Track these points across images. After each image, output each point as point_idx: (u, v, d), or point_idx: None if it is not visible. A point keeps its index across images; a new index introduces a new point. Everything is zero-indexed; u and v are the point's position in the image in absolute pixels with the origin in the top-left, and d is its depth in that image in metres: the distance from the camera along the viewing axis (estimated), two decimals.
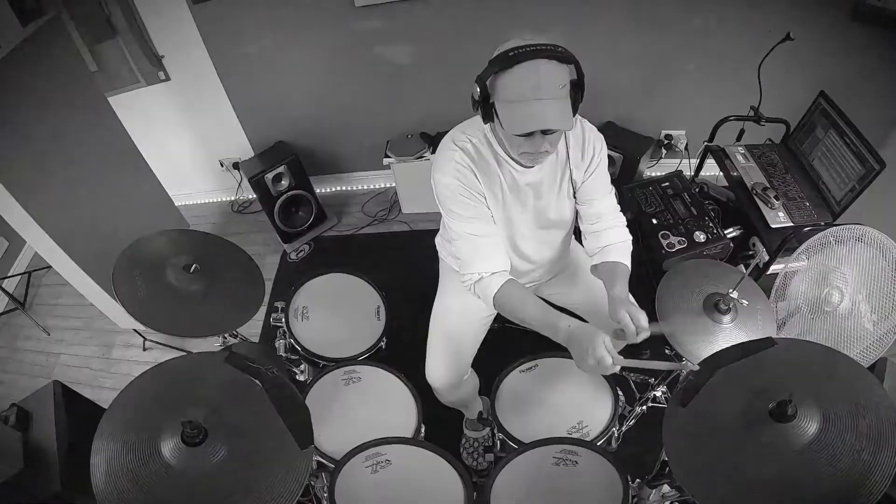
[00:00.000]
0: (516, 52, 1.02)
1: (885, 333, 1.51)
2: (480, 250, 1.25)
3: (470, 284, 1.27)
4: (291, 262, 2.87)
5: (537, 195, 1.32)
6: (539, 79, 1.03)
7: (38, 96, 2.06)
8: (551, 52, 1.03)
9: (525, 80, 1.03)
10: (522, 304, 1.21)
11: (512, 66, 1.03)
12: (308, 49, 2.61)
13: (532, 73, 1.03)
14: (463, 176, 1.22)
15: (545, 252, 1.48)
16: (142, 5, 2.47)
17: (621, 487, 1.13)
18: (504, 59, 1.03)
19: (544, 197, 1.33)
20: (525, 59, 1.02)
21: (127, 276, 1.42)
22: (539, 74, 1.03)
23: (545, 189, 1.32)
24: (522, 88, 1.04)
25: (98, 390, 2.41)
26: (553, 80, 1.04)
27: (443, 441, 1.32)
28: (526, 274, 1.54)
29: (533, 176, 1.29)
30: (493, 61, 1.06)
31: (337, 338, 1.67)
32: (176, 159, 3.08)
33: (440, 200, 1.28)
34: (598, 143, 1.31)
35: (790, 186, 2.01)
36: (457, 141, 1.25)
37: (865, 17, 2.14)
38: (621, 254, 1.36)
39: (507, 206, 1.31)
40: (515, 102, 1.06)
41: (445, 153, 1.24)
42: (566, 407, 1.40)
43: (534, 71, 1.02)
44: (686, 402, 0.98)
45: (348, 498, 1.18)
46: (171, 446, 0.93)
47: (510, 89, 1.06)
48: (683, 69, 2.53)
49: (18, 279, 3.02)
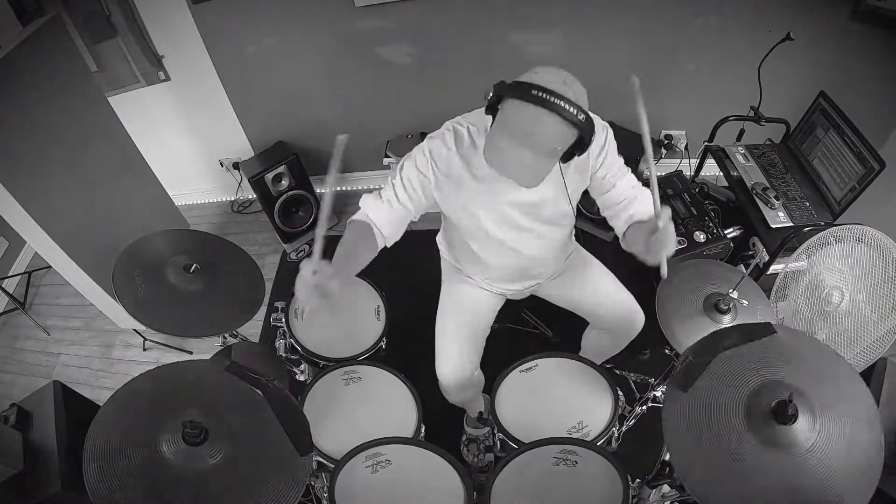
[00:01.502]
0: (537, 94, 1.00)
1: (885, 333, 1.51)
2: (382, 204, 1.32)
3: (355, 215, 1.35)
4: (291, 262, 2.87)
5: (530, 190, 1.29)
6: (537, 130, 1.02)
7: (38, 96, 2.06)
8: (566, 114, 1.01)
9: (525, 122, 1.03)
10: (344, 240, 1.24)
11: (524, 100, 1.02)
12: (308, 49, 2.61)
13: (534, 122, 1.02)
14: (435, 155, 1.27)
15: (544, 251, 1.47)
16: (142, 5, 2.47)
17: (621, 487, 1.13)
18: (524, 91, 1.02)
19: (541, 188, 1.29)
20: (538, 105, 1.00)
21: (127, 276, 1.42)
22: (539, 126, 1.02)
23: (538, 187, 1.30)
24: (519, 127, 1.03)
25: (98, 390, 2.41)
26: (549, 139, 1.04)
27: (443, 441, 1.32)
28: (527, 274, 1.54)
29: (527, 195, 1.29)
30: (518, 84, 1.04)
31: (337, 338, 1.67)
32: (176, 159, 3.08)
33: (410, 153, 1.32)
34: (601, 130, 1.30)
35: (790, 186, 2.01)
36: (455, 123, 1.29)
37: (865, 17, 2.14)
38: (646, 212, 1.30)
39: (496, 193, 1.30)
40: (506, 135, 1.06)
41: (440, 130, 1.30)
42: (566, 407, 1.40)
43: (537, 120, 1.02)
44: (686, 386, 0.97)
45: (348, 498, 1.18)
46: (170, 446, 0.93)
47: (510, 120, 1.05)
48: (683, 69, 2.53)
49: (18, 279, 3.02)
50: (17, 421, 1.37)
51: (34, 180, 2.00)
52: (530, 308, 2.25)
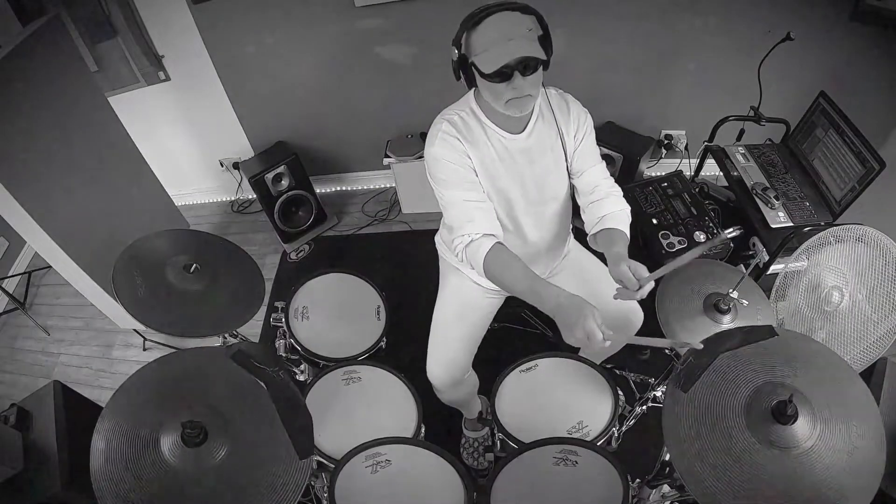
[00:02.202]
0: (482, 9, 1.13)
1: (885, 333, 1.51)
2: (469, 213, 1.26)
3: (461, 249, 1.25)
4: (291, 262, 2.87)
5: (530, 160, 1.33)
6: (507, 26, 1.13)
7: (39, 96, 2.06)
8: (513, 5, 1.13)
9: (494, 30, 1.13)
10: (511, 268, 1.20)
11: (480, 21, 1.13)
12: (308, 49, 2.61)
13: (500, 22, 1.13)
14: (450, 144, 1.27)
15: (542, 230, 1.47)
16: (142, 5, 2.47)
17: (621, 487, 1.13)
18: (472, 17, 1.15)
19: (538, 162, 1.34)
20: (491, 13, 1.13)
21: (127, 276, 1.42)
22: (506, 22, 1.13)
23: (537, 155, 1.34)
24: (493, 36, 1.13)
25: (98, 390, 2.41)
26: (520, 25, 1.14)
27: (443, 441, 1.32)
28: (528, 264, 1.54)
29: (524, 142, 1.32)
30: (462, 22, 1.17)
31: (337, 338, 1.67)
32: (176, 159, 3.08)
33: (430, 172, 1.32)
34: (583, 114, 1.37)
35: (790, 186, 2.01)
36: (444, 115, 1.33)
37: (865, 17, 2.14)
38: (619, 222, 1.36)
39: (498, 177, 1.33)
40: (489, 48, 1.14)
41: (433, 129, 1.32)
42: (566, 407, 1.40)
43: (501, 20, 1.13)
44: (687, 387, 0.97)
45: (348, 498, 1.18)
46: (171, 446, 0.93)
47: (482, 40, 1.14)
48: (683, 69, 2.53)
49: (18, 279, 3.02)
50: (17, 421, 1.37)
51: (34, 180, 2.00)
52: (530, 308, 2.25)
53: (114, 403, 0.98)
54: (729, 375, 0.97)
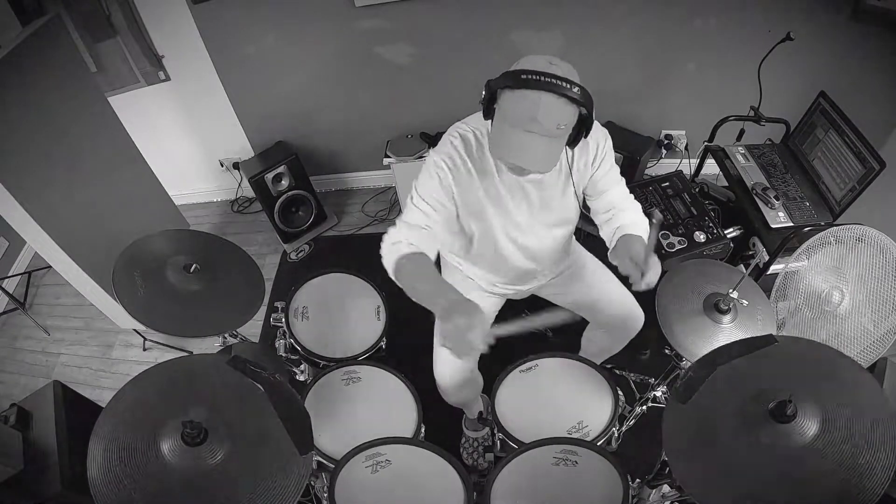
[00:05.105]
0: (528, 78, 1.01)
1: (885, 333, 1.51)
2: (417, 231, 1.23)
3: (388, 243, 1.24)
4: (291, 262, 2.87)
5: (540, 188, 1.32)
6: (538, 113, 1.02)
7: (38, 96, 2.06)
8: (561, 90, 1.01)
9: (525, 109, 1.02)
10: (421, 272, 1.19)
11: (519, 88, 1.02)
12: (308, 49, 2.61)
13: (533, 105, 1.02)
14: (452, 161, 1.24)
15: (548, 251, 1.48)
16: (142, 5, 2.47)
17: (621, 487, 1.13)
18: (514, 78, 1.02)
19: (548, 190, 1.33)
20: (532, 88, 1.01)
21: (127, 276, 1.42)
22: (539, 108, 1.01)
23: (548, 183, 1.32)
24: (520, 115, 1.03)
25: (98, 390, 2.41)
26: (551, 118, 1.03)
27: (443, 441, 1.32)
28: (530, 275, 1.54)
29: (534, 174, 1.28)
30: (505, 75, 1.05)
31: (337, 338, 1.67)
32: (176, 159, 3.08)
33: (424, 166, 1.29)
34: (602, 138, 1.31)
35: (790, 186, 2.01)
36: (458, 129, 1.28)
37: (865, 17, 2.14)
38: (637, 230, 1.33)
39: (503, 198, 1.30)
40: (508, 126, 1.06)
41: (445, 138, 1.28)
42: (566, 407, 1.40)
43: (536, 103, 1.01)
44: (685, 399, 0.98)
45: (348, 498, 1.18)
46: (170, 445, 0.93)
47: (509, 111, 1.05)
48: (683, 69, 2.53)
49: (18, 279, 3.02)
50: (17, 421, 1.37)
51: (34, 180, 2.00)
52: (530, 308, 2.24)
53: (114, 404, 0.98)
54: (729, 375, 0.97)
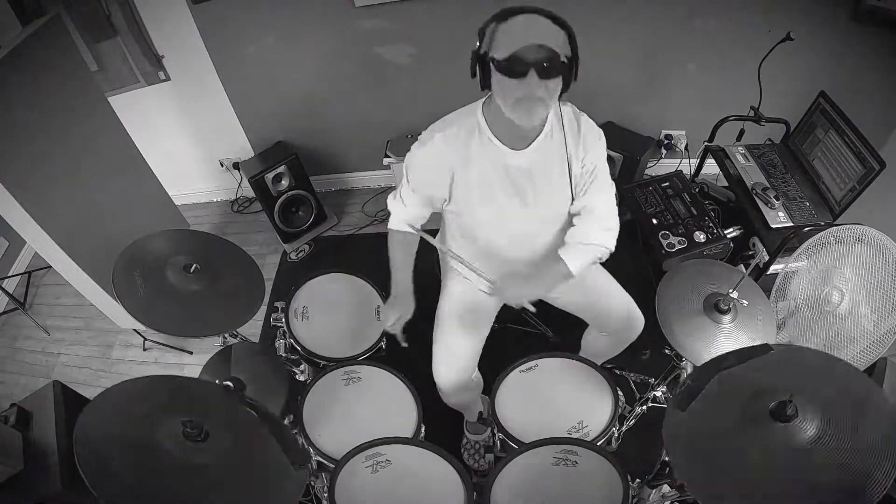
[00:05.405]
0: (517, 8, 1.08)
1: (885, 333, 1.51)
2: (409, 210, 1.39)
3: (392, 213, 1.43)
4: (291, 262, 2.87)
5: (530, 177, 1.29)
6: (536, 25, 1.07)
7: (39, 96, 2.06)
8: (549, 13, 1.09)
9: (522, 26, 1.07)
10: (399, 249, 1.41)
11: (511, 16, 1.08)
12: (308, 49, 2.61)
13: (531, 23, 1.07)
14: (434, 163, 1.28)
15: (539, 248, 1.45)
16: (142, 5, 2.47)
17: (621, 487, 1.13)
18: (504, 12, 1.08)
19: (538, 180, 1.29)
20: (525, 13, 1.08)
21: (127, 276, 1.42)
22: (537, 27, 1.07)
23: (539, 173, 1.28)
24: (518, 30, 1.08)
25: (98, 390, 2.36)
26: (548, 30, 1.08)
27: (443, 441, 1.32)
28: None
29: (526, 158, 1.26)
30: (493, 15, 1.10)
31: (337, 338, 1.67)
32: (176, 159, 3.08)
33: (405, 165, 1.35)
34: (594, 138, 1.30)
35: (790, 186, 2.01)
36: (439, 128, 1.29)
37: (865, 17, 2.14)
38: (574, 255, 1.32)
39: (492, 191, 1.29)
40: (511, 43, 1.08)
41: (425, 135, 1.30)
42: (566, 407, 1.40)
43: (533, 22, 1.07)
44: (685, 406, 0.98)
45: (348, 498, 1.18)
46: (170, 445, 0.93)
47: (507, 35, 1.08)
48: (683, 69, 2.53)
49: (18, 279, 3.01)
50: (17, 421, 1.36)
51: (34, 180, 1.99)
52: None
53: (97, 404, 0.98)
54: (729, 376, 0.97)
